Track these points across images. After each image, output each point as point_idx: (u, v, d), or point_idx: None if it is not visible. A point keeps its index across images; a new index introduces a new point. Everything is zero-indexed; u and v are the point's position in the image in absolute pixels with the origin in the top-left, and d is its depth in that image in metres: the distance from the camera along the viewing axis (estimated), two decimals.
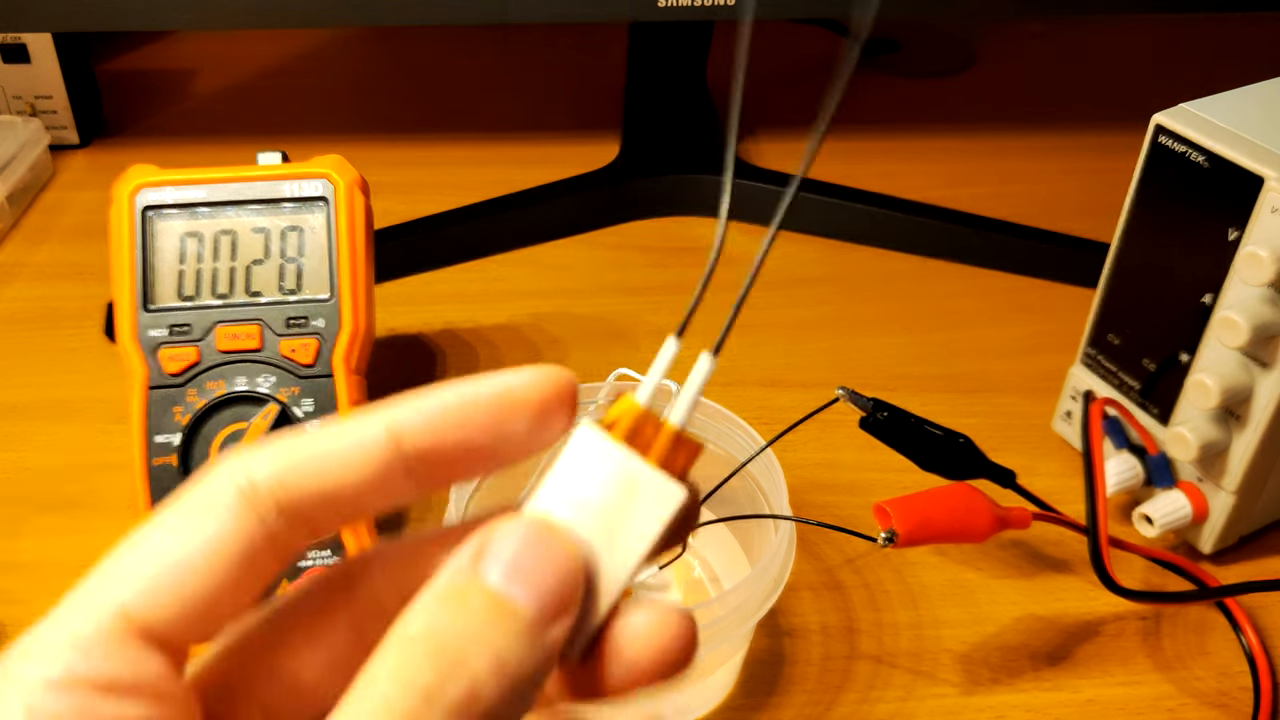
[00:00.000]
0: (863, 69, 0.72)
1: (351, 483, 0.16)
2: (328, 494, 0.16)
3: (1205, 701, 0.35)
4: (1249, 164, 0.34)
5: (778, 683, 0.36)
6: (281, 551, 0.16)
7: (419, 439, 0.16)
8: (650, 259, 0.55)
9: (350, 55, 0.74)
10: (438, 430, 0.16)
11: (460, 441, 0.16)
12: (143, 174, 0.37)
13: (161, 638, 0.15)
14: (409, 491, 0.17)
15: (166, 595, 0.15)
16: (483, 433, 0.17)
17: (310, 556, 0.35)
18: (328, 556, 0.35)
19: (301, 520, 0.16)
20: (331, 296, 0.37)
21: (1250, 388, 0.36)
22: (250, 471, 0.16)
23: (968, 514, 0.35)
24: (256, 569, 0.16)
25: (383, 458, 0.16)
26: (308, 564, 0.35)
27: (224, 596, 0.16)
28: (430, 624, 0.15)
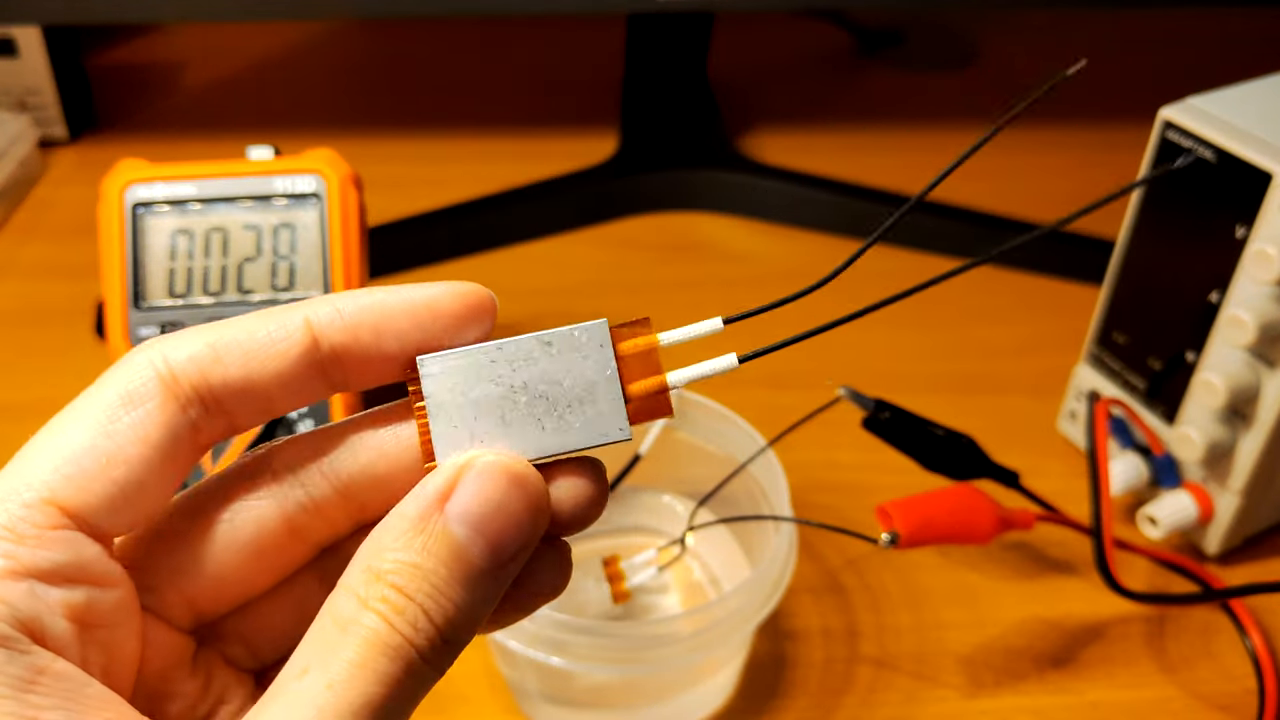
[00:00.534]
0: (865, 63, 0.71)
1: (270, 374, 0.16)
2: (245, 384, 0.16)
3: (1210, 704, 0.35)
4: (1257, 160, 0.34)
5: (779, 686, 0.35)
6: (200, 441, 0.16)
7: (336, 336, 0.16)
8: (649, 255, 0.55)
9: (343, 48, 0.73)
10: (355, 330, 0.16)
11: (375, 344, 0.17)
12: (132, 169, 0.37)
13: (91, 524, 0.15)
14: (321, 390, 0.17)
15: (93, 481, 0.15)
16: (398, 338, 0.17)
17: None
18: None
19: (219, 410, 0.16)
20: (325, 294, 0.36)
21: (1257, 387, 0.35)
22: (170, 358, 0.16)
23: (971, 515, 0.35)
24: (179, 457, 0.16)
25: (300, 352, 0.16)
26: None
27: (150, 482, 0.16)
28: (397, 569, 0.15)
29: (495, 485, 0.16)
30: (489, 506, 0.16)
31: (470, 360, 0.17)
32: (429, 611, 0.15)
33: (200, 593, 0.17)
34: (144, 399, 0.16)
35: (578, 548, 0.39)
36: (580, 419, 0.17)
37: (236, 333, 0.16)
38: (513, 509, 0.16)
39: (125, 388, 0.16)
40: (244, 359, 0.16)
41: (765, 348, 0.18)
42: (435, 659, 0.15)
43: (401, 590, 0.15)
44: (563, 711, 0.35)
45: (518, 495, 0.16)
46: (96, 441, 0.15)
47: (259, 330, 0.16)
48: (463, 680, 0.35)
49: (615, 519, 0.39)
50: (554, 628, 0.30)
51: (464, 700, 0.35)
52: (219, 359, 0.16)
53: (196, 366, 0.16)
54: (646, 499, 0.40)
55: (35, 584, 0.15)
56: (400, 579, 0.15)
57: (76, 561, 0.15)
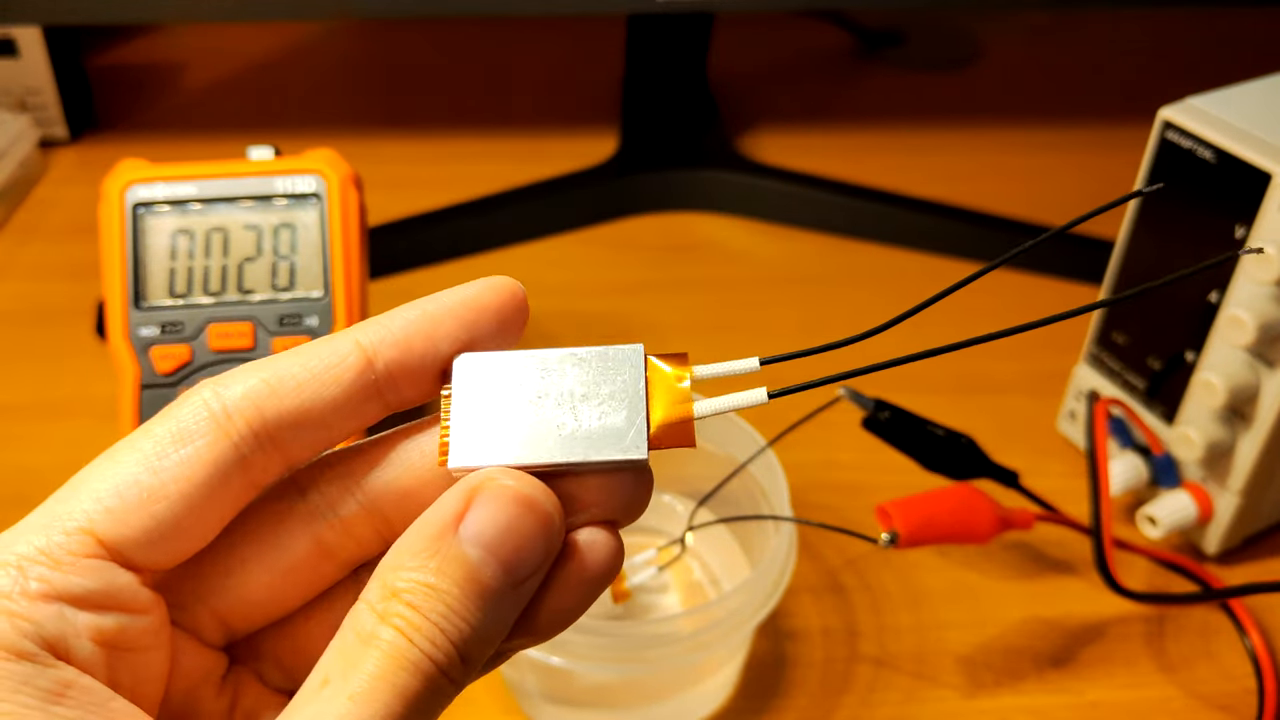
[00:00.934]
0: (865, 63, 0.71)
1: (325, 402, 0.16)
2: (301, 416, 0.16)
3: (1209, 704, 0.35)
4: (1257, 160, 0.34)
5: (778, 686, 0.35)
6: (255, 477, 0.17)
7: (389, 353, 0.17)
8: (649, 256, 0.55)
9: (344, 48, 0.73)
10: (407, 343, 0.17)
11: (428, 353, 0.17)
12: (133, 170, 0.37)
13: (125, 556, 0.16)
14: (377, 412, 0.17)
15: (132, 515, 0.16)
16: (450, 342, 0.17)
17: None
18: None
19: (274, 445, 0.16)
20: (325, 294, 0.36)
21: (1256, 387, 0.35)
22: (224, 395, 0.16)
23: (970, 515, 0.35)
24: (228, 494, 0.16)
25: (355, 376, 0.16)
26: None
27: (192, 521, 0.16)
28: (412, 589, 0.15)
29: (508, 508, 0.16)
30: (502, 529, 0.16)
31: (504, 364, 0.17)
32: (445, 631, 0.15)
33: (230, 610, 0.18)
34: (194, 436, 0.16)
35: None
36: (600, 433, 0.17)
37: (290, 365, 0.16)
38: (525, 531, 0.16)
39: (176, 425, 0.16)
40: (298, 389, 0.16)
41: (796, 386, 0.18)
42: (453, 675, 0.15)
43: (417, 609, 0.15)
44: (563, 711, 0.35)
45: (530, 519, 0.16)
46: (140, 476, 0.16)
47: (312, 359, 0.16)
48: None
49: None
50: None
51: (464, 700, 0.35)
52: (274, 392, 0.16)
53: (251, 402, 0.16)
54: None
55: (65, 607, 0.15)
56: (415, 598, 0.15)
57: (107, 589, 0.16)
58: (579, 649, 0.30)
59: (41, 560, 0.15)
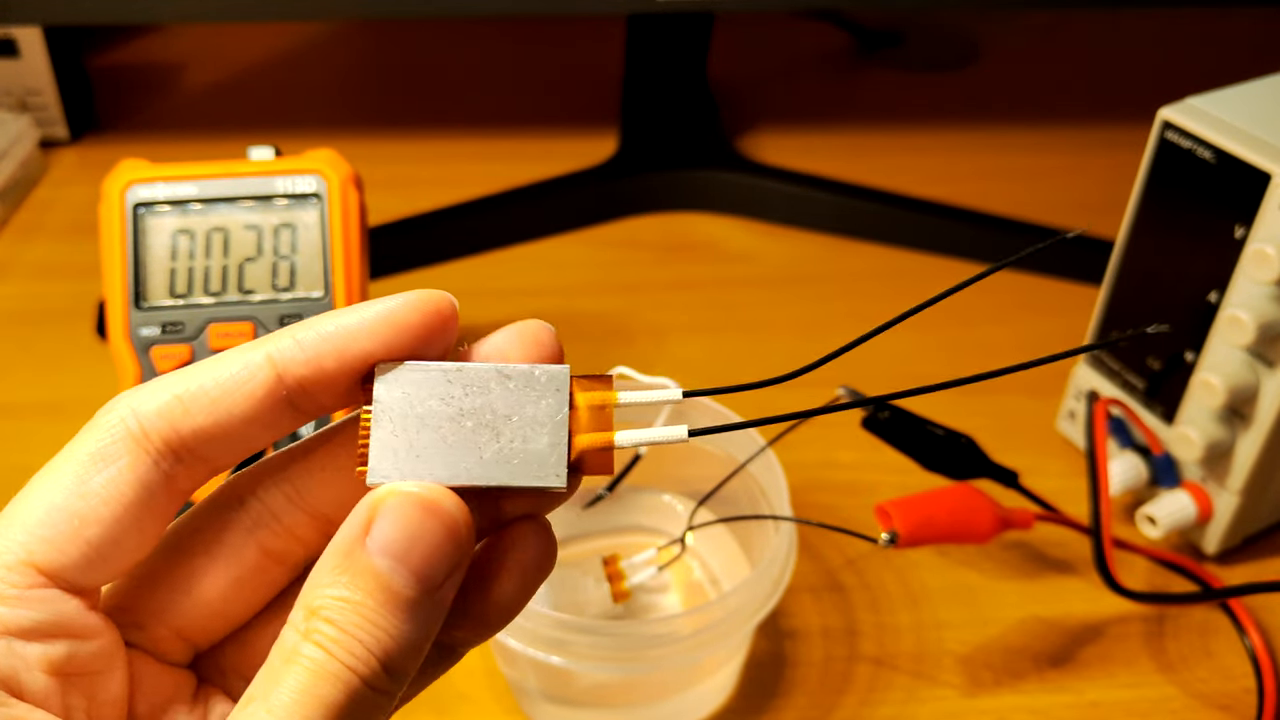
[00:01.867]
0: (865, 63, 0.71)
1: (238, 416, 0.16)
2: (215, 430, 0.16)
3: (1209, 703, 0.35)
4: (1256, 160, 0.34)
5: (778, 685, 0.36)
6: (180, 486, 0.17)
7: (299, 370, 0.16)
8: (649, 256, 0.55)
9: (344, 48, 0.73)
10: (318, 361, 0.16)
11: (340, 369, 0.17)
12: (133, 170, 0.37)
13: (68, 582, 0.16)
14: (295, 421, 0.17)
15: (68, 542, 0.16)
16: (364, 360, 0.17)
17: None
18: None
19: (195, 458, 0.17)
20: (325, 294, 0.36)
21: (1256, 387, 0.35)
22: (139, 413, 0.16)
23: (970, 514, 0.35)
24: (155, 509, 0.17)
25: (266, 390, 0.16)
26: None
27: (125, 538, 0.16)
28: (325, 597, 0.15)
29: (412, 516, 0.16)
30: (407, 537, 0.16)
31: (425, 376, 0.17)
32: (363, 642, 0.15)
33: (188, 625, 0.18)
34: (114, 457, 0.16)
35: (578, 547, 0.39)
36: (520, 457, 0.17)
37: (202, 380, 0.16)
38: (432, 537, 0.16)
39: (95, 447, 0.16)
40: (211, 405, 0.16)
41: (717, 426, 0.18)
42: (379, 685, 0.15)
43: (335, 624, 0.15)
44: (563, 710, 0.35)
45: (434, 524, 0.16)
46: (69, 502, 0.16)
47: (222, 374, 0.16)
48: (463, 679, 0.36)
49: (615, 518, 0.40)
50: (554, 627, 0.30)
51: (464, 699, 0.35)
52: (187, 409, 0.16)
53: (166, 419, 0.16)
54: (646, 498, 0.40)
55: (13, 641, 0.15)
56: (332, 613, 0.15)
57: (54, 618, 0.16)
58: (579, 649, 0.31)
59: None
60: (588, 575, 0.35)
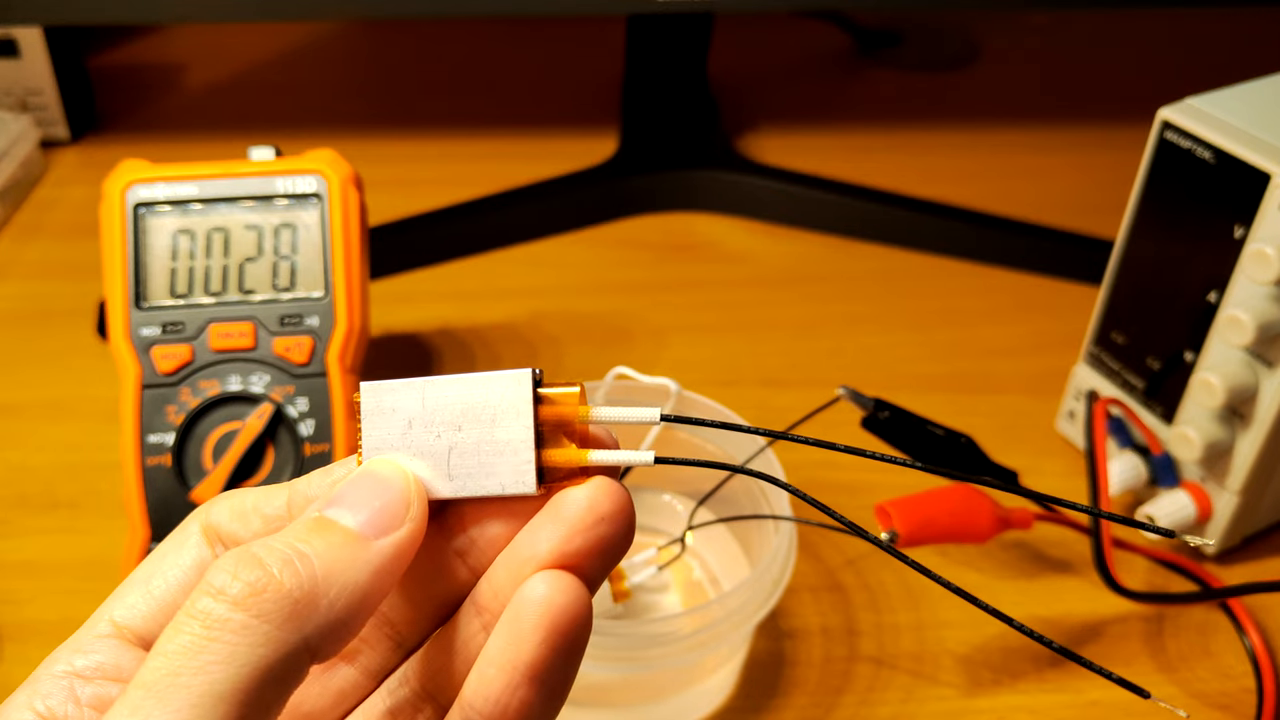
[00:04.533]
0: (864, 63, 0.71)
1: None
2: None
3: (1208, 703, 0.35)
4: (1256, 160, 0.34)
5: (778, 685, 0.36)
6: None
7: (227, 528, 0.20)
8: (649, 256, 0.55)
9: (344, 49, 0.74)
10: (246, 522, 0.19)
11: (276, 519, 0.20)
12: (134, 170, 0.37)
13: (137, 633, 0.19)
14: None
15: (141, 602, 0.19)
16: None
17: None
18: None
19: None
20: (326, 294, 0.36)
21: (1255, 387, 0.35)
22: (211, 517, 0.20)
23: (969, 514, 0.35)
24: None
25: None
26: None
27: (184, 598, 0.18)
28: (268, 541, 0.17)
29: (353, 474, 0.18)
30: (347, 487, 0.18)
31: (405, 392, 0.18)
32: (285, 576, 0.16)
33: None
34: (190, 544, 0.20)
35: None
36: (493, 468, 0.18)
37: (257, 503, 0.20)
38: (370, 483, 0.18)
39: (179, 537, 0.20)
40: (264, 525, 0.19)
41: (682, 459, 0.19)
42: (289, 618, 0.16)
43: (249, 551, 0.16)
44: (563, 710, 0.35)
45: (374, 474, 0.18)
46: (146, 571, 0.19)
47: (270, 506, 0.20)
48: None
49: None
50: None
51: None
52: (242, 521, 0.19)
53: (228, 527, 0.20)
54: (646, 498, 0.40)
55: (75, 680, 0.18)
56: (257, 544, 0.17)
57: (116, 663, 0.18)
58: None
59: (73, 649, 0.18)
60: None
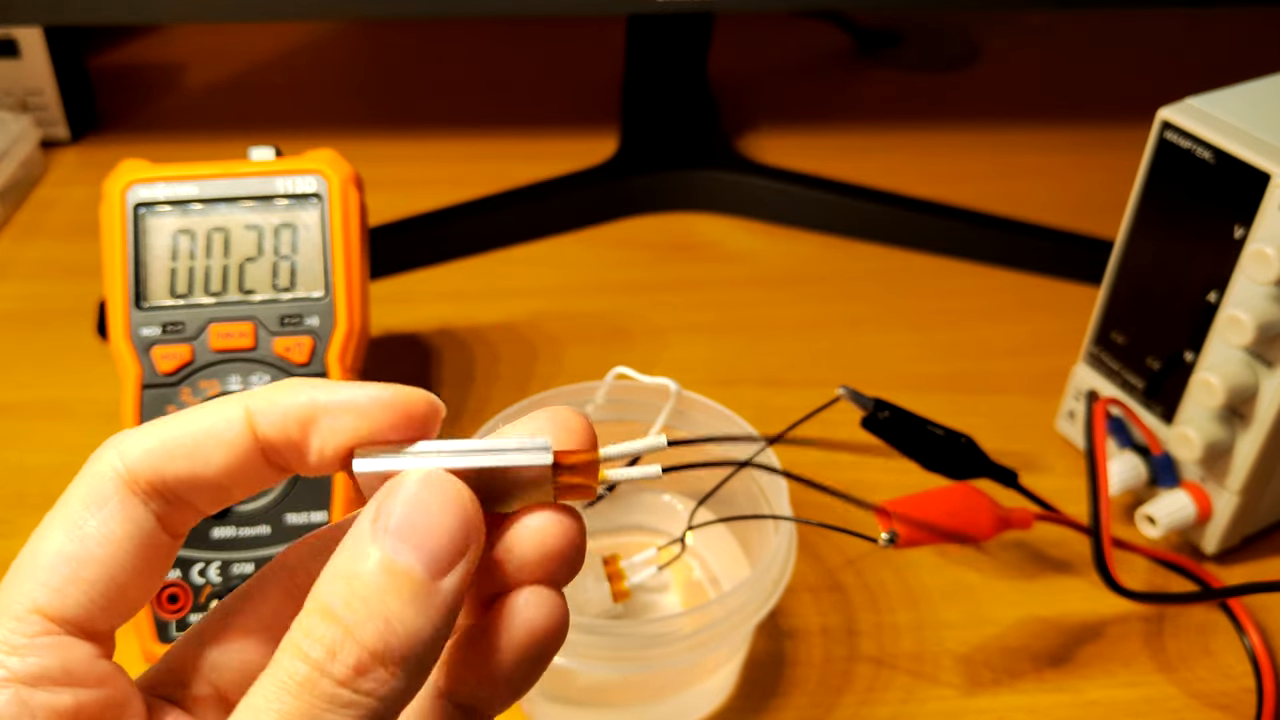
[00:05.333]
0: (864, 63, 0.71)
1: (216, 466, 0.17)
2: (196, 477, 0.17)
3: (1208, 703, 0.35)
4: (1256, 160, 0.34)
5: (778, 685, 0.36)
6: (173, 529, 0.17)
7: (271, 430, 0.17)
8: (649, 256, 0.55)
9: (344, 49, 0.74)
10: (286, 426, 0.17)
11: (304, 441, 0.17)
12: (134, 170, 0.37)
13: (81, 626, 0.16)
14: (271, 476, 0.17)
15: (69, 585, 0.16)
16: (333, 435, 0.17)
17: None
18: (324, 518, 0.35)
19: (180, 501, 0.17)
20: (326, 294, 0.36)
21: (1255, 387, 0.36)
22: (125, 455, 0.17)
23: (969, 514, 0.35)
24: (151, 548, 0.17)
25: (242, 442, 0.17)
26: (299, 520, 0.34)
27: (124, 577, 0.16)
28: (327, 597, 0.15)
29: (416, 492, 0.16)
30: (412, 512, 0.15)
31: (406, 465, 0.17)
32: (371, 635, 0.15)
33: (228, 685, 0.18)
34: (104, 500, 0.16)
35: None
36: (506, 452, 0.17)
37: (183, 427, 0.17)
38: (439, 511, 0.15)
39: (86, 492, 0.16)
40: (190, 453, 0.17)
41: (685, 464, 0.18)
42: (383, 682, 0.15)
43: (338, 617, 0.15)
44: (562, 710, 0.35)
45: (439, 499, 0.16)
46: (66, 548, 0.16)
47: (201, 424, 0.17)
48: None
49: (615, 518, 0.40)
50: None
51: None
52: (169, 455, 0.17)
53: (150, 462, 0.16)
54: (646, 498, 0.40)
55: (20, 688, 0.15)
56: (337, 603, 0.15)
57: (62, 665, 0.16)
58: (579, 647, 0.31)
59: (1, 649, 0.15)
60: (588, 575, 0.35)
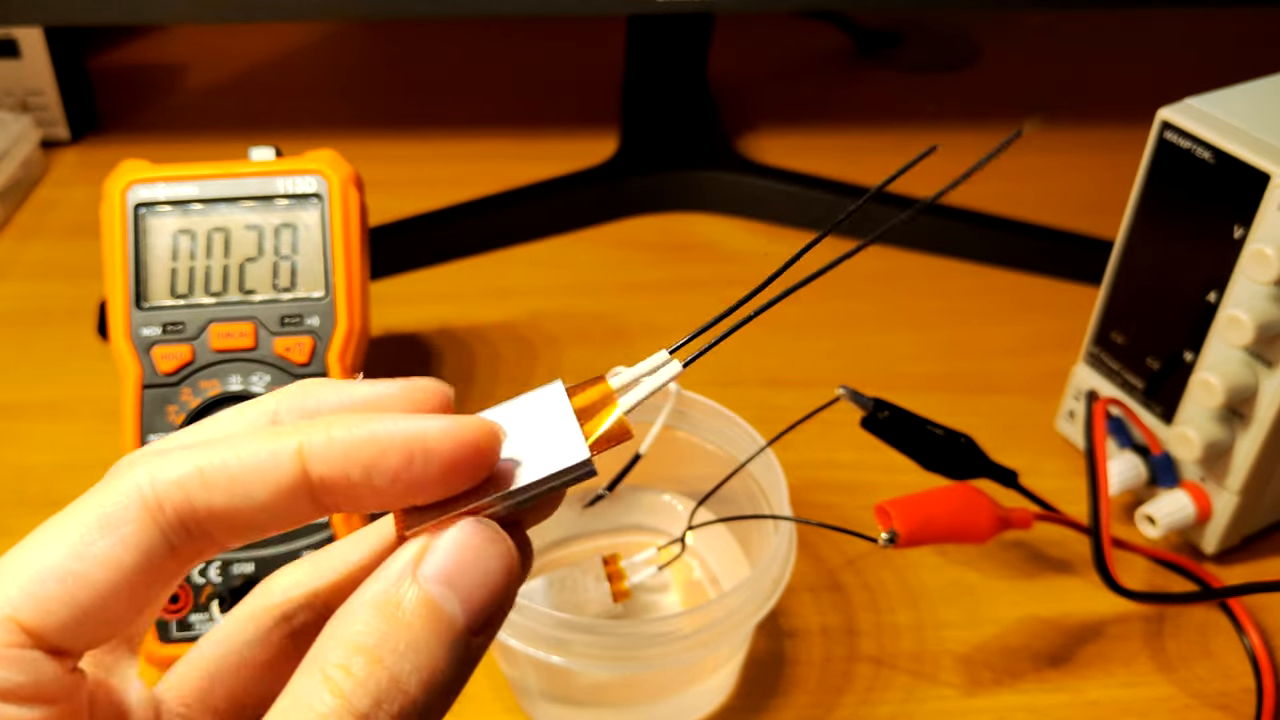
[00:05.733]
0: (864, 64, 0.71)
1: (257, 503, 0.16)
2: (232, 513, 0.16)
3: (1208, 703, 0.35)
4: (1255, 160, 0.34)
5: (778, 685, 0.36)
6: (181, 561, 0.16)
7: (327, 470, 0.16)
8: (649, 256, 0.55)
9: (345, 49, 0.74)
10: (346, 465, 0.16)
11: (365, 481, 0.16)
12: (134, 170, 0.37)
13: (53, 644, 0.15)
14: (311, 514, 0.16)
15: (58, 604, 0.15)
16: (389, 477, 0.16)
17: None
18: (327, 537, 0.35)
19: (204, 535, 0.16)
20: (326, 294, 0.36)
21: (1255, 387, 0.36)
22: (156, 482, 0.15)
23: (969, 514, 0.35)
24: (154, 579, 0.16)
25: (291, 481, 0.16)
26: None
27: (117, 606, 0.15)
28: (367, 630, 0.15)
29: (470, 543, 0.15)
30: (463, 562, 0.15)
31: None
32: (390, 667, 0.14)
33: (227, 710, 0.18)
34: (122, 524, 0.15)
35: (578, 547, 0.39)
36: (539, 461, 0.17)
37: (227, 457, 0.16)
38: (489, 566, 0.15)
39: (104, 509, 0.15)
40: (230, 486, 0.15)
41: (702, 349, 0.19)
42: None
43: (371, 653, 0.14)
44: (563, 709, 0.35)
45: (492, 553, 0.16)
46: (66, 563, 0.15)
47: (248, 455, 0.16)
48: None
49: (615, 518, 0.40)
50: (554, 626, 0.30)
51: (464, 698, 0.35)
52: (207, 485, 0.15)
53: (183, 492, 0.15)
54: (646, 498, 0.40)
55: None
56: (365, 637, 0.15)
57: (32, 681, 0.15)
58: (579, 647, 0.31)
59: None
60: (588, 575, 0.35)
